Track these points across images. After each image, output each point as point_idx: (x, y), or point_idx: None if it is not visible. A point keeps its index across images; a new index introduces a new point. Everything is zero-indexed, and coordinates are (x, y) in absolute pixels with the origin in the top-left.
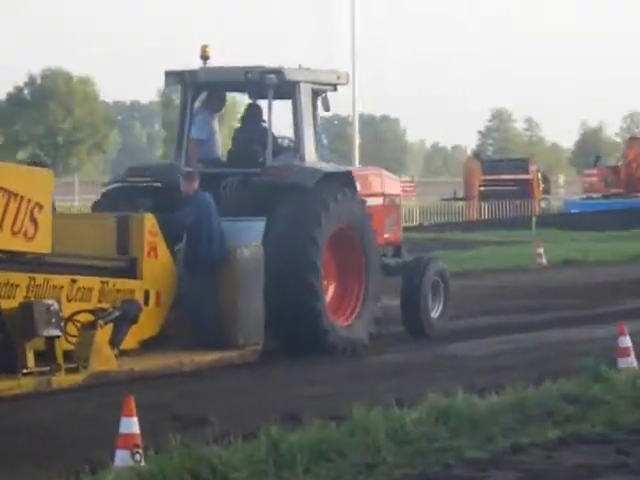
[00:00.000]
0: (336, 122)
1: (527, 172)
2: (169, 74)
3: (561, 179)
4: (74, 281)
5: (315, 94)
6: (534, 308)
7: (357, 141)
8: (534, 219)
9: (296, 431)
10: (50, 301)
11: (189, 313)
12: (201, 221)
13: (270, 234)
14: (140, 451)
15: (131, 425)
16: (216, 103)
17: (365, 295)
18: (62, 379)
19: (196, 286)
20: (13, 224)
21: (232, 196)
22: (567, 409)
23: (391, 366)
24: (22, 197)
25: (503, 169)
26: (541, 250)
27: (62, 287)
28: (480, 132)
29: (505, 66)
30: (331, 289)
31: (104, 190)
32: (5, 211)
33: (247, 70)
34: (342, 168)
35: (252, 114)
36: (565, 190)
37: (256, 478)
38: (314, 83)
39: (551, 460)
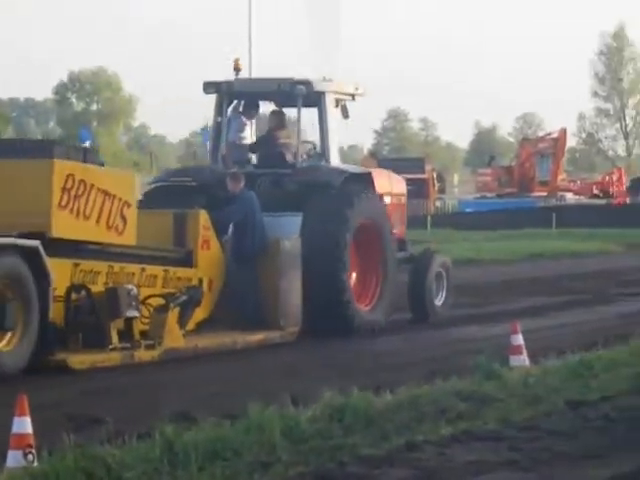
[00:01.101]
0: None
1: (423, 171)
2: (207, 84)
3: (455, 178)
4: (143, 269)
5: (337, 103)
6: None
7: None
8: (429, 218)
9: (191, 430)
10: (130, 286)
11: (236, 298)
12: (247, 216)
13: (304, 228)
14: (33, 451)
15: (24, 425)
16: (250, 111)
17: (383, 283)
18: (142, 354)
19: (242, 274)
20: (108, 219)
21: (266, 194)
22: (460, 406)
23: (287, 365)
24: (114, 196)
25: (399, 168)
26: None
27: (134, 274)
28: (376, 131)
29: (401, 66)
30: (354, 277)
31: (146, 189)
32: (102, 209)
33: (279, 81)
34: (363, 169)
35: (278, 120)
36: (459, 189)
37: (150, 477)
38: (336, 93)
39: (444, 457)
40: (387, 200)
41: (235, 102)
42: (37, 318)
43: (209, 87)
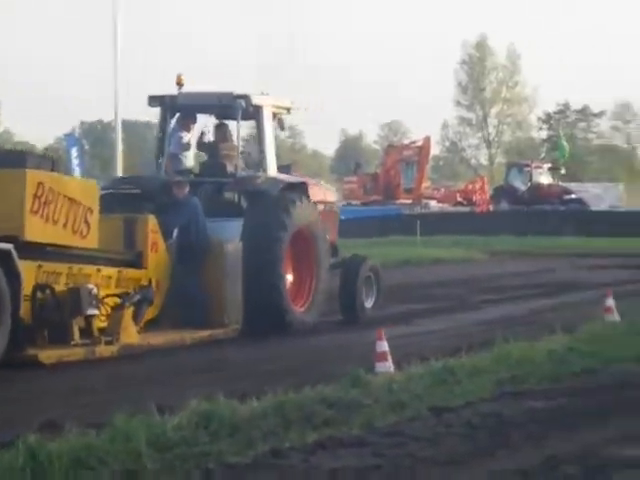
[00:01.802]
0: (99, 127)
1: None
2: (152, 98)
3: None
4: (99, 270)
5: (274, 116)
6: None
7: (120, 147)
8: None
9: (56, 439)
10: (91, 286)
11: (181, 297)
12: (190, 221)
13: (245, 232)
14: None
15: None
16: (189, 122)
17: (317, 286)
18: (102, 349)
19: (187, 275)
20: (73, 224)
21: (208, 201)
22: (326, 413)
23: (154, 372)
24: (79, 203)
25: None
26: None
27: (90, 275)
28: (243, 139)
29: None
30: (290, 280)
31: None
32: (68, 214)
33: (220, 96)
34: (299, 179)
35: (221, 133)
36: None
37: None
38: (273, 107)
39: (309, 463)
40: (321, 207)
41: (178, 115)
42: (9, 316)
43: (153, 101)
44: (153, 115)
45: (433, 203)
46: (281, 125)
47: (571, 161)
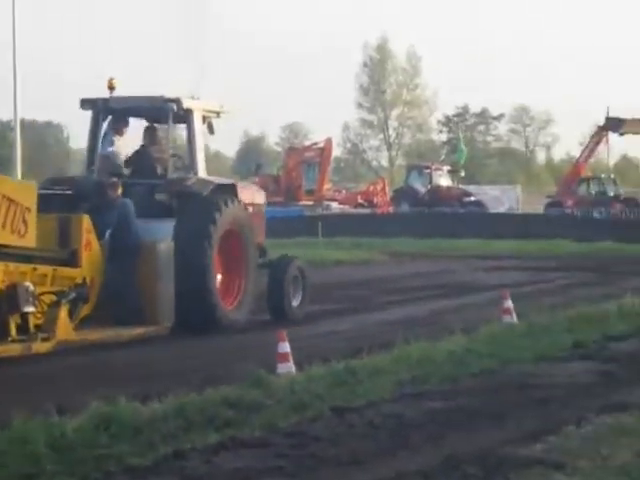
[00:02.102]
0: None
1: None
2: (84, 101)
3: None
4: (35, 269)
5: (204, 120)
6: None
7: (19, 146)
8: None
9: None
10: (28, 284)
11: (114, 295)
12: (123, 221)
13: (176, 232)
14: None
15: None
16: (122, 126)
17: (246, 285)
18: (39, 346)
19: (119, 274)
20: (12, 224)
21: (139, 202)
22: (227, 414)
23: (51, 373)
24: (17, 203)
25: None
26: None
27: (26, 273)
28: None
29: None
30: (220, 279)
31: None
32: (7, 214)
33: (151, 99)
34: (228, 181)
35: (150, 135)
36: None
37: None
38: (204, 110)
39: (211, 464)
40: (249, 210)
41: (110, 118)
42: None
43: (86, 104)
44: (53, 114)
45: (335, 205)
46: (210, 128)
47: (470, 163)
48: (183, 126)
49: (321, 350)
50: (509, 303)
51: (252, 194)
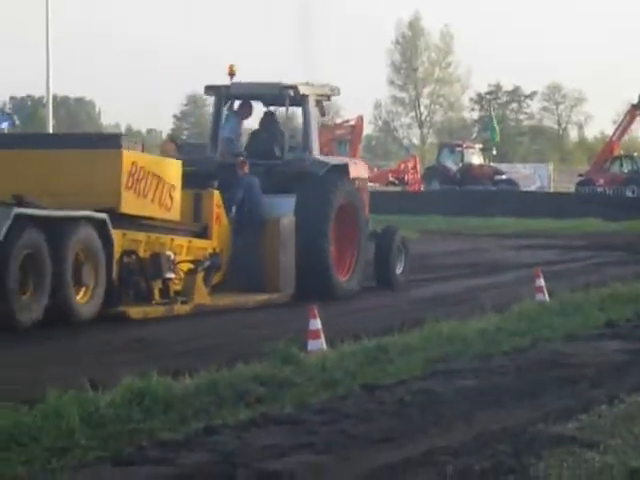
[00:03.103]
0: (29, 103)
1: None
2: (208, 87)
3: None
4: (172, 240)
5: (317, 103)
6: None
7: (51, 122)
8: None
9: None
10: (169, 252)
11: (240, 266)
12: (249, 196)
13: (296, 209)
14: None
15: None
16: (245, 110)
17: (358, 256)
18: (179, 308)
19: (245, 246)
20: (160, 199)
21: (260, 180)
22: (258, 390)
23: (85, 349)
24: (165, 180)
25: (201, 152)
26: None
27: (165, 244)
28: (175, 116)
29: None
30: (334, 251)
31: None
32: (156, 190)
33: (270, 86)
34: (340, 160)
35: (268, 119)
36: None
37: None
38: (316, 95)
39: (242, 440)
40: (357, 184)
41: (230, 103)
42: (104, 277)
43: (209, 90)
44: (86, 91)
45: None
46: (322, 111)
47: (502, 142)
48: (290, 109)
49: (352, 327)
50: (541, 281)
51: (359, 170)
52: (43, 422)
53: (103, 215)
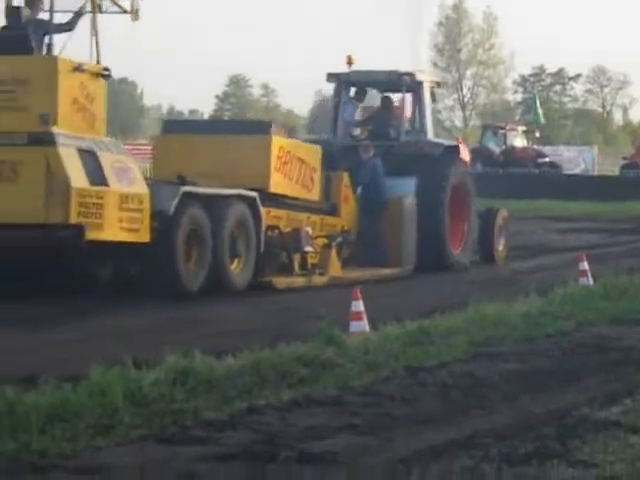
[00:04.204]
0: None
1: None
2: (330, 75)
3: None
4: (308, 217)
5: (430, 89)
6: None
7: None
8: None
9: (32, 392)
10: (308, 228)
11: (365, 242)
12: (374, 178)
13: (417, 189)
14: None
15: None
16: (361, 96)
17: (468, 232)
18: (317, 279)
19: (370, 224)
20: (303, 180)
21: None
22: (301, 371)
23: (129, 327)
24: (307, 163)
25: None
26: None
27: (302, 220)
28: (217, 97)
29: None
30: (449, 227)
31: None
32: (299, 172)
33: (388, 73)
34: (453, 142)
35: (386, 103)
36: None
37: None
38: (430, 82)
39: (285, 421)
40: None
41: (347, 89)
42: (254, 250)
43: (331, 77)
44: (130, 73)
45: None
46: (433, 96)
47: (546, 124)
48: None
49: (394, 309)
50: (585, 265)
51: (464, 151)
52: (88, 399)
53: (254, 194)
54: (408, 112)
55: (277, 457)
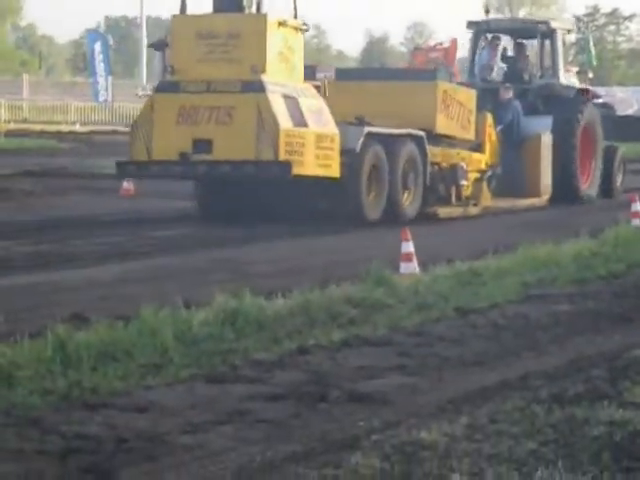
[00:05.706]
0: (123, 24)
1: (314, 79)
2: (470, 23)
3: None
4: (458, 153)
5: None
6: (327, 217)
7: (145, 43)
8: None
9: (83, 331)
10: (463, 164)
11: (506, 175)
12: (514, 117)
13: (553, 126)
14: None
15: None
16: (497, 43)
17: (595, 168)
18: (471, 209)
19: (509, 159)
20: (461, 121)
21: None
22: (351, 312)
23: (177, 267)
24: (464, 106)
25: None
26: None
27: (453, 156)
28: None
29: None
30: (579, 162)
31: None
32: (459, 114)
33: (525, 21)
34: (584, 86)
35: (519, 49)
36: None
37: (42, 377)
38: (562, 29)
39: (335, 361)
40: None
41: (484, 36)
42: (421, 184)
43: (471, 25)
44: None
45: None
46: (563, 42)
47: (599, 65)
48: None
49: (444, 251)
50: (638, 206)
51: (591, 93)
52: (137, 339)
53: (422, 133)
54: (542, 57)
55: (327, 397)
